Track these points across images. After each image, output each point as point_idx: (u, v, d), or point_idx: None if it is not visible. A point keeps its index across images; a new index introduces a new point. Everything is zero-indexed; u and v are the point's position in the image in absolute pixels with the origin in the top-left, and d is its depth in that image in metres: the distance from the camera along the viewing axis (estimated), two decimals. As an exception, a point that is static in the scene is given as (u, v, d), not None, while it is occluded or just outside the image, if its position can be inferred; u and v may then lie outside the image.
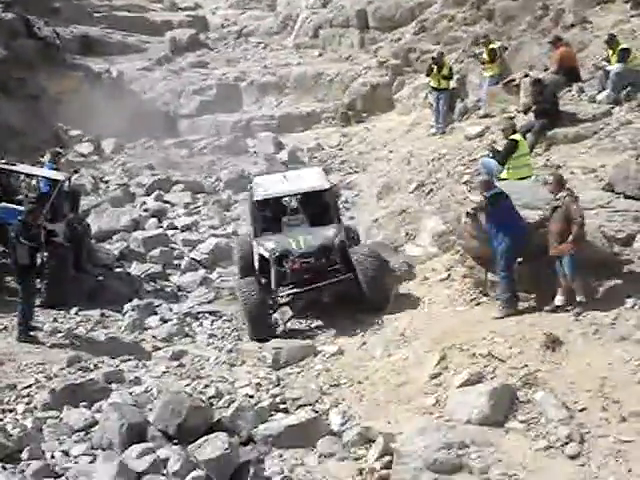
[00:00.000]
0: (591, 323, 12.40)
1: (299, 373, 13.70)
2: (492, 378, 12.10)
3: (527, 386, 11.80)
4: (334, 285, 14.92)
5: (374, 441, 11.54)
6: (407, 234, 16.49)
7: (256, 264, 15.88)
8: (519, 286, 13.23)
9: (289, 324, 15.34)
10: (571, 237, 12.58)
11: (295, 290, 15.14)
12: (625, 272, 13.02)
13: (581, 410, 11.23)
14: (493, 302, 13.46)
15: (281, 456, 11.57)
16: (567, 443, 10.98)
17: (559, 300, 12.82)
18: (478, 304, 13.77)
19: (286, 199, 16.74)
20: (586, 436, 11.00)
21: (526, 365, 12.11)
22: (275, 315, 15.42)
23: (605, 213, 13.43)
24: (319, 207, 16.32)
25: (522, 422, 11.40)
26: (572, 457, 10.83)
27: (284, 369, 13.79)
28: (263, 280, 15.43)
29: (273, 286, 15.12)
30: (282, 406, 12.68)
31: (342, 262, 15.09)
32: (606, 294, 12.81)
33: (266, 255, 15.31)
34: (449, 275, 14.66)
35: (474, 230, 13.66)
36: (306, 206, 16.57)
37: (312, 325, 15.39)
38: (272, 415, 12.47)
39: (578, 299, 12.70)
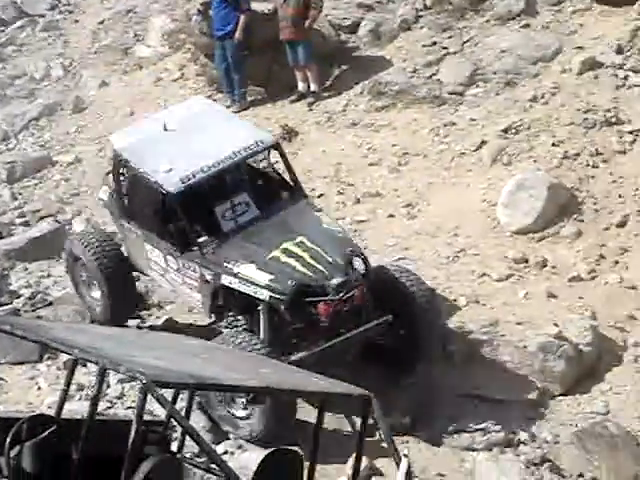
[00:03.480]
0: (324, 112, 12.79)
1: (37, 185, 13.37)
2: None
3: (267, 178, 12.13)
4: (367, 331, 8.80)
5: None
6: (135, 35, 16.00)
7: (195, 303, 9.54)
8: (252, 80, 13.32)
9: None
10: (309, 21, 12.66)
11: (318, 348, 8.65)
12: (352, 59, 13.37)
13: (319, 196, 11.69)
14: (228, 98, 13.51)
15: (26, 269, 11.44)
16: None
17: (301, 87, 13.01)
18: (214, 101, 13.77)
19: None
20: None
21: (265, 158, 12.37)
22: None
23: (330, 1, 13.57)
24: (265, 178, 9.99)
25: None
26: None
27: (20, 182, 13.40)
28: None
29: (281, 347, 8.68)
30: (22, 219, 12.43)
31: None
32: (336, 82, 13.17)
33: (261, 295, 8.71)
34: (183, 74, 14.50)
35: (205, 27, 13.50)
36: (245, 180, 9.88)
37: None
38: (13, 229, 12.25)
39: (312, 88, 12.97)
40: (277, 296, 8.62)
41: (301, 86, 13.02)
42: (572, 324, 9.56)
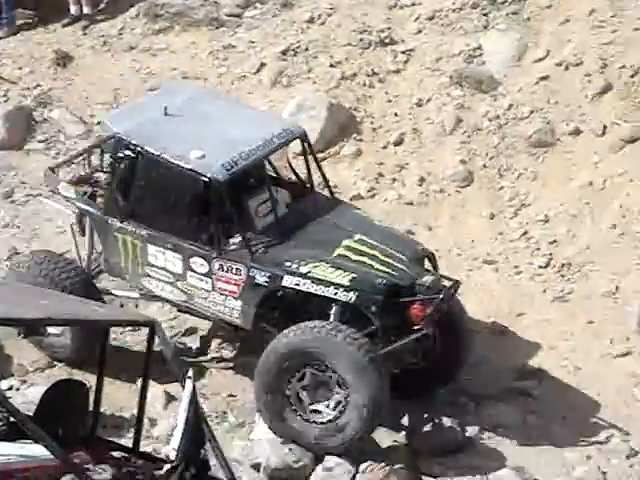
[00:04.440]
0: (99, 35, 12.50)
1: None
2: (6, 101, 11.94)
3: (42, 105, 11.84)
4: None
5: None
6: None
7: (227, 313, 8.24)
8: (20, 2, 12.78)
9: None
10: None
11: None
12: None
13: (98, 123, 11.47)
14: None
15: None
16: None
17: (74, 10, 12.61)
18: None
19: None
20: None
21: (39, 85, 12.06)
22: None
23: None
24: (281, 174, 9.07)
25: (41, 142, 11.52)
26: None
27: None
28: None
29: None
30: None
31: None
32: (110, 5, 12.85)
33: (344, 297, 7.78)
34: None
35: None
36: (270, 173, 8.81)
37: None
38: None
39: (85, 11, 12.62)
40: (366, 297, 7.73)
41: (74, 9, 12.62)
42: (354, 241, 9.84)
